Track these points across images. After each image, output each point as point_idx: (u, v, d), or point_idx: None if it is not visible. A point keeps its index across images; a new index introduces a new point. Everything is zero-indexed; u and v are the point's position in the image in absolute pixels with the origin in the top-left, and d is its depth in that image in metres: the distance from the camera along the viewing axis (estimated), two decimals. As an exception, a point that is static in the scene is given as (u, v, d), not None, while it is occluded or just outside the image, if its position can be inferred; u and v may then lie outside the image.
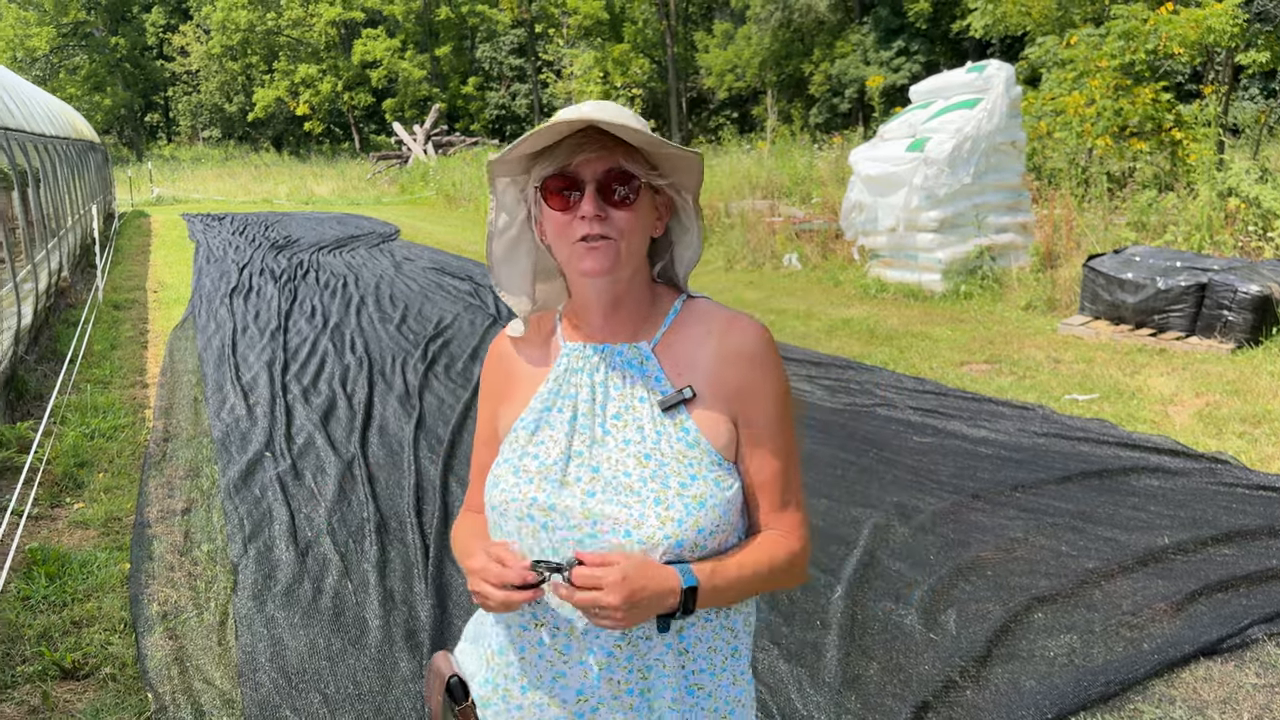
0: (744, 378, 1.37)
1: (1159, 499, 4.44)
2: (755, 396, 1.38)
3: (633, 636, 1.34)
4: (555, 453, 1.38)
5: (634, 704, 1.37)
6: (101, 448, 5.47)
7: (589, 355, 1.42)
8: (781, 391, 1.41)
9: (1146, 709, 2.92)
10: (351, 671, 3.14)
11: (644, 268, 1.42)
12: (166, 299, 10.62)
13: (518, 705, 1.42)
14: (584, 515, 1.33)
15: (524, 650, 1.40)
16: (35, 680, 3.13)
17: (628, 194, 1.32)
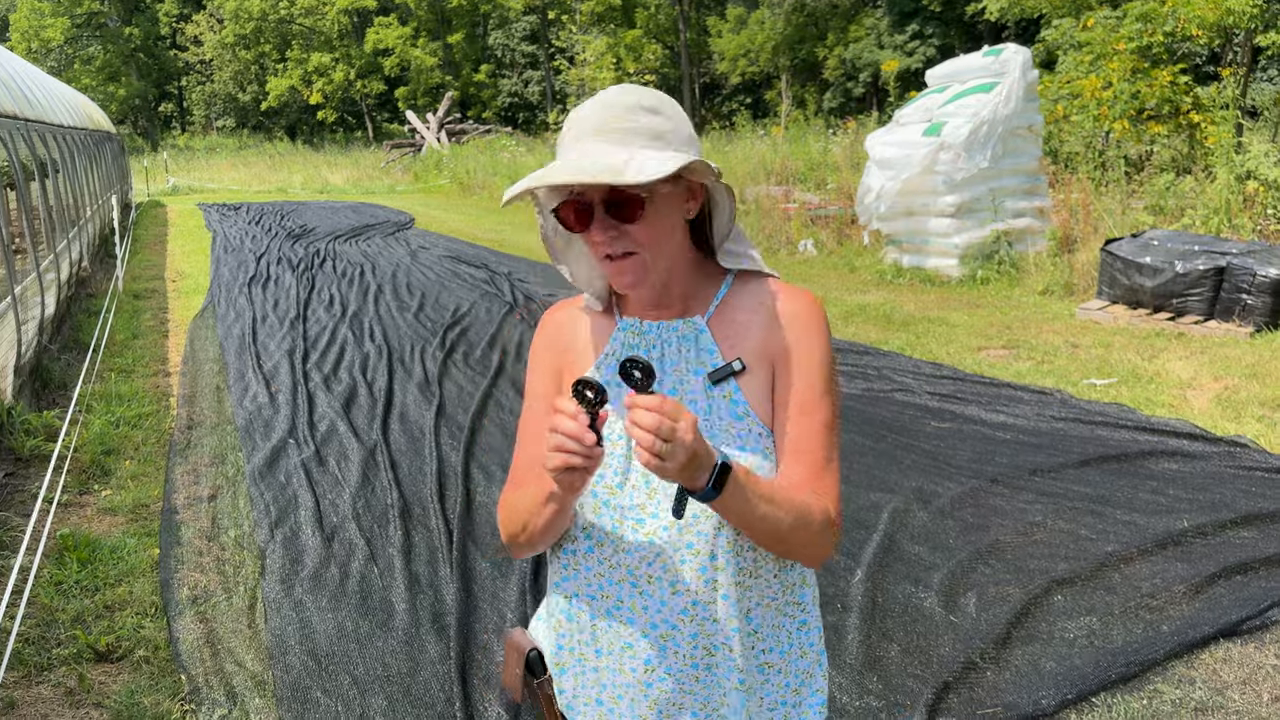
0: (788, 340, 1.38)
1: (1178, 482, 4.45)
2: (797, 358, 1.37)
3: (698, 616, 1.36)
4: (618, 428, 1.39)
5: (699, 677, 1.39)
6: (127, 435, 5.54)
7: (645, 331, 1.43)
8: (824, 359, 1.39)
9: (1166, 689, 2.95)
10: (380, 654, 3.20)
11: (686, 249, 1.41)
12: (186, 288, 10.70)
13: (593, 668, 1.44)
14: (648, 494, 1.36)
15: (594, 618, 1.42)
16: (71, 663, 3.19)
17: (637, 209, 1.30)
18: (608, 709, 1.44)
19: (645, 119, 1.30)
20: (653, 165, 1.24)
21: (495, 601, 3.53)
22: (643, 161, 1.25)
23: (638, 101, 1.31)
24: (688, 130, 1.35)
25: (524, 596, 3.52)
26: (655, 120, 1.30)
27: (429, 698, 2.94)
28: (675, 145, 1.31)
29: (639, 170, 1.23)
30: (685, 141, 1.33)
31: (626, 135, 1.29)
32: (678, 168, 1.24)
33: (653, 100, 1.33)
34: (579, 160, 1.28)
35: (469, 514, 4.32)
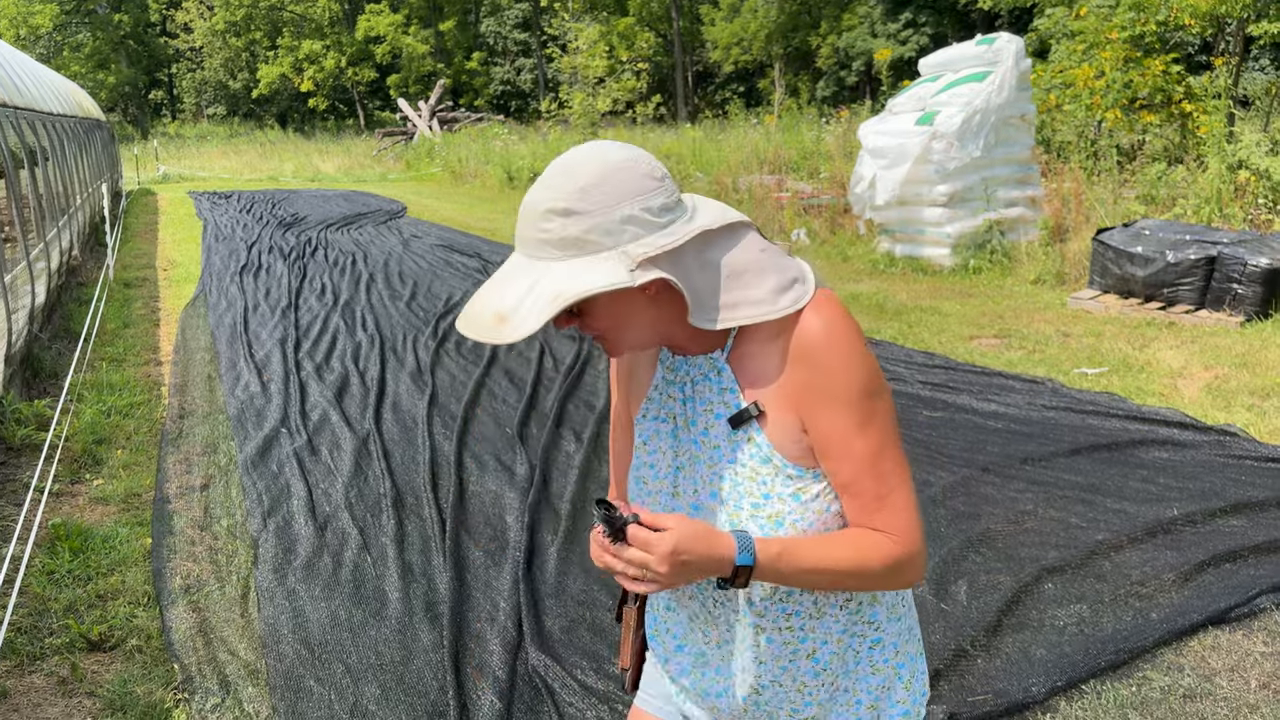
0: (805, 377, 1.28)
1: (1168, 471, 4.47)
2: (819, 395, 1.27)
3: (762, 654, 1.40)
4: (664, 465, 1.40)
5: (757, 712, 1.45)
6: (119, 425, 5.53)
7: (678, 367, 1.40)
8: (851, 386, 1.26)
9: (1155, 676, 2.97)
10: (373, 642, 3.20)
11: (674, 306, 1.31)
12: (177, 277, 10.67)
13: (666, 656, 1.52)
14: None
15: (664, 619, 1.51)
16: (63, 652, 3.19)
17: (575, 309, 1.27)
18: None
19: (557, 226, 1.22)
20: (531, 320, 1.18)
21: (488, 590, 3.54)
22: (533, 308, 1.19)
23: (550, 206, 1.22)
24: (622, 212, 1.21)
25: (517, 586, 3.53)
26: (568, 225, 1.21)
27: (422, 686, 2.95)
28: (596, 246, 1.21)
29: (519, 325, 1.19)
30: (610, 232, 1.21)
31: (539, 247, 1.23)
32: (548, 317, 1.18)
33: (568, 196, 1.21)
34: (475, 305, 1.25)
35: (462, 503, 4.33)
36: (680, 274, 1.25)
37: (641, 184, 1.24)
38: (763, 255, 1.30)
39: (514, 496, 4.37)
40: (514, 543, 3.90)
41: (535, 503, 4.27)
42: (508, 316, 1.21)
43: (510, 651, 3.10)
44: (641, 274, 1.20)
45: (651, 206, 1.23)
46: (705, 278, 1.27)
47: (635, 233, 1.22)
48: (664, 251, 1.23)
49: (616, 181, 1.23)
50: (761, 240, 1.33)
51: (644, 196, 1.23)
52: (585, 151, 1.26)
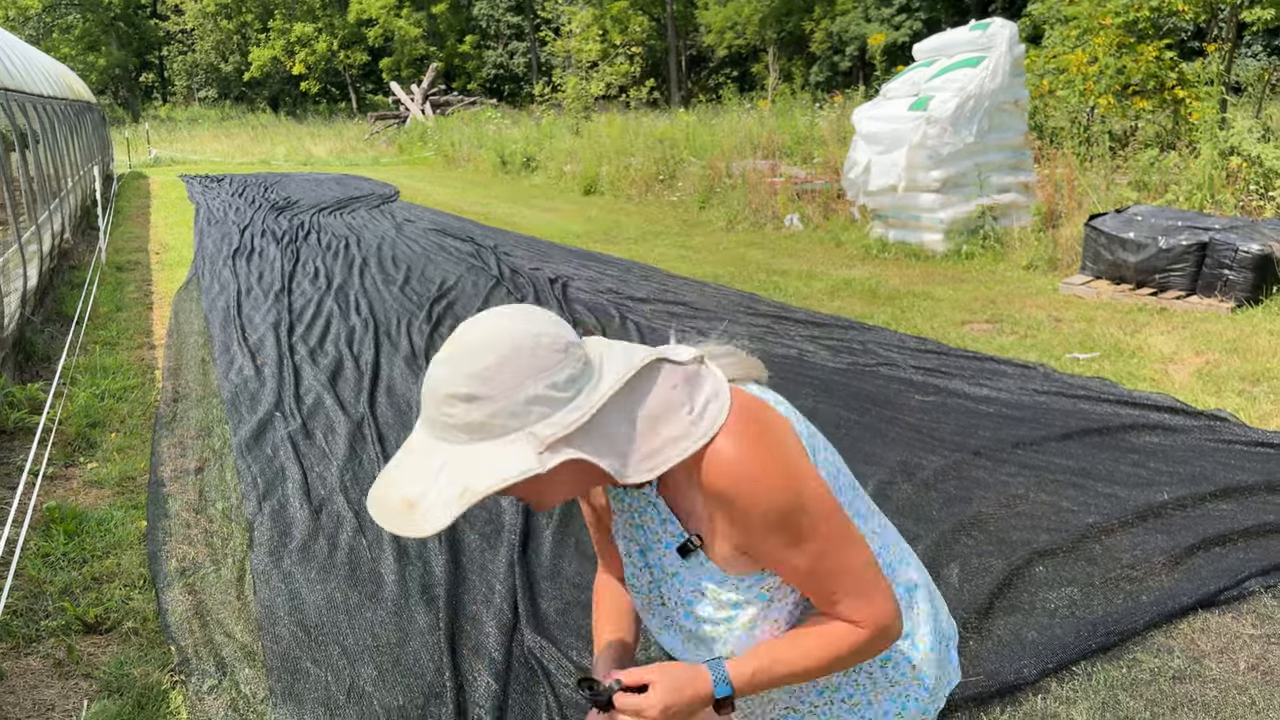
0: (723, 517, 1.28)
1: (1158, 455, 4.50)
2: (740, 531, 1.28)
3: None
4: (645, 580, 1.44)
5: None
6: (112, 408, 5.53)
7: (621, 498, 1.41)
8: (766, 516, 1.25)
9: (1145, 658, 3.00)
10: (369, 624, 3.22)
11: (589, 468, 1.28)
12: (169, 260, 10.63)
13: None
14: (672, 646, 1.46)
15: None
16: (59, 634, 3.20)
17: None
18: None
19: (460, 411, 1.19)
20: (439, 514, 1.16)
21: (484, 573, 3.56)
22: (437, 501, 1.17)
23: (451, 391, 1.19)
24: (526, 393, 1.18)
25: (512, 569, 3.54)
26: (471, 410, 1.18)
27: (419, 667, 2.97)
28: (502, 430, 1.18)
29: (428, 518, 1.17)
30: (515, 415, 1.18)
31: (445, 430, 1.21)
32: (451, 519, 1.16)
33: (468, 384, 1.18)
34: (382, 486, 1.24)
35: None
36: (593, 443, 1.21)
37: (545, 360, 1.19)
38: (675, 392, 1.27)
39: (508, 480, 4.38)
40: (509, 526, 3.91)
41: (530, 486, 4.28)
42: (416, 503, 1.19)
43: (506, 633, 3.12)
44: (550, 457, 1.18)
45: (557, 382, 1.19)
46: (622, 435, 1.24)
47: (542, 412, 1.19)
48: (576, 429, 1.19)
49: (519, 362, 1.19)
50: (672, 371, 1.29)
51: (548, 372, 1.19)
52: (486, 328, 1.22)
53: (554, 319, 1.25)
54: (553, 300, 7.95)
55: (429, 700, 2.81)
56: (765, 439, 1.25)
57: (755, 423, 1.26)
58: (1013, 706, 2.77)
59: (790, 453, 1.26)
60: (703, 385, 1.28)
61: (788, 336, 6.75)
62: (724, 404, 1.27)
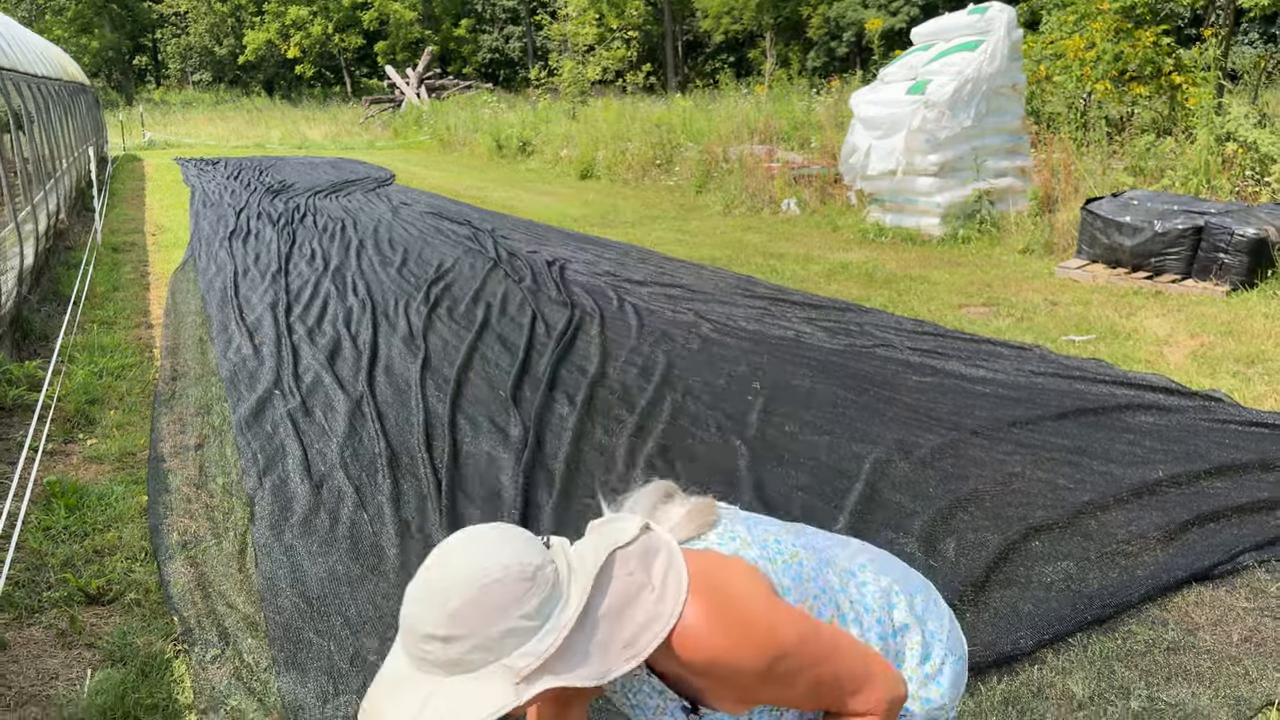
0: (713, 686, 1.34)
1: (1153, 435, 4.53)
2: (734, 693, 1.34)
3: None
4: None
5: None
6: (111, 386, 5.53)
7: (614, 683, 1.44)
8: (753, 675, 1.30)
9: (1140, 630, 3.03)
10: (371, 596, 3.24)
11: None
12: (165, 242, 10.61)
13: None
14: None
15: None
16: (62, 605, 3.22)
17: None
18: None
19: (436, 649, 1.24)
20: None
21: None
22: None
23: (428, 632, 1.24)
24: (499, 628, 1.22)
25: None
26: (447, 649, 1.23)
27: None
28: (480, 660, 1.23)
29: None
30: (489, 649, 1.22)
31: (423, 665, 1.26)
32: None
33: (441, 625, 1.23)
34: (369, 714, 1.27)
35: (456, 463, 4.36)
36: (568, 664, 1.24)
37: (514, 591, 1.23)
38: (632, 578, 1.29)
39: (508, 457, 4.41)
40: (509, 501, 3.94)
41: (530, 463, 4.30)
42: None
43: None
44: (526, 688, 1.21)
45: (528, 612, 1.23)
46: (596, 644, 1.26)
47: (515, 643, 1.23)
48: (549, 656, 1.22)
49: (490, 599, 1.22)
50: (625, 557, 1.31)
51: (518, 604, 1.23)
52: (457, 565, 1.25)
53: (524, 542, 1.27)
54: (550, 283, 7.95)
55: (431, 669, 2.83)
56: (730, 608, 1.28)
57: (716, 591, 1.29)
58: (1010, 676, 2.80)
59: (756, 610, 1.29)
60: (657, 557, 1.31)
61: (784, 318, 6.77)
62: (681, 575, 1.30)
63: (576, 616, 1.25)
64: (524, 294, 7.62)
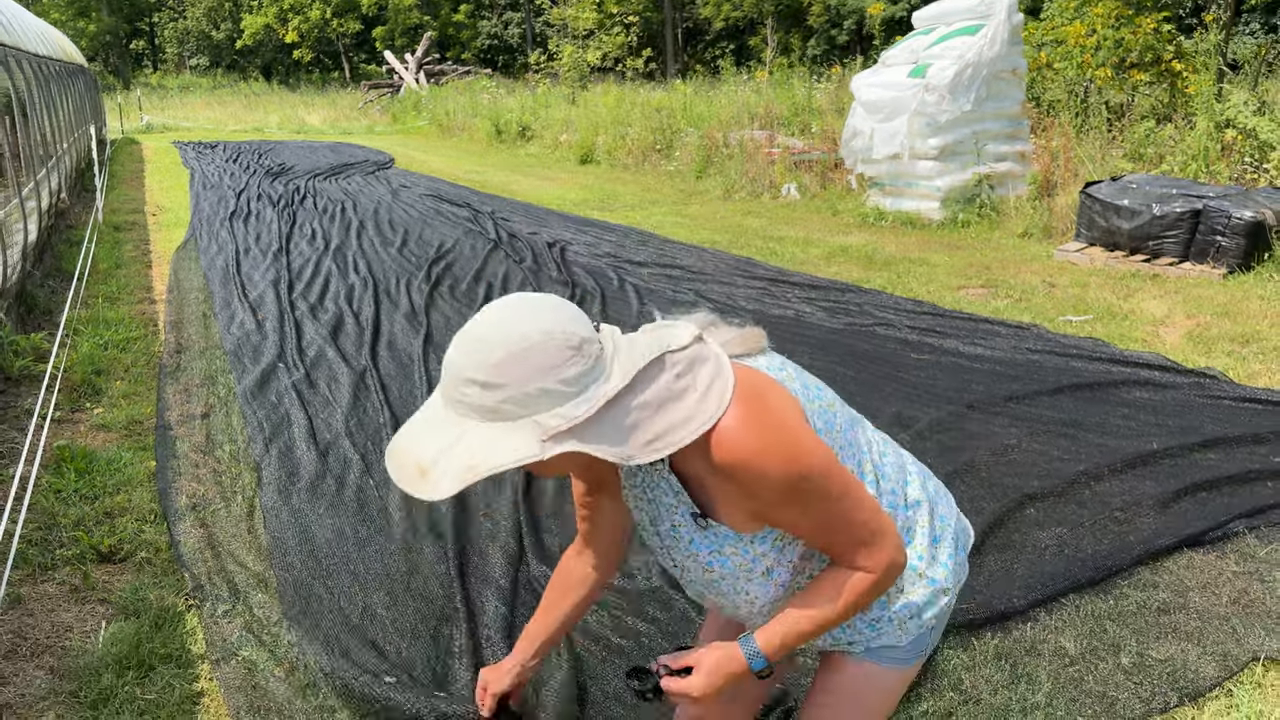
0: (733, 491, 1.37)
1: (1148, 409, 4.59)
2: (750, 502, 1.38)
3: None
4: (658, 546, 1.54)
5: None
6: (116, 358, 5.58)
7: (633, 473, 1.51)
8: (773, 490, 1.34)
9: (1132, 592, 3.10)
10: (380, 555, 3.30)
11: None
12: (166, 222, 10.63)
13: None
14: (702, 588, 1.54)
15: None
16: (74, 563, 3.27)
17: None
18: None
19: (474, 394, 1.28)
20: (445, 485, 1.27)
21: (489, 510, 3.63)
22: (448, 472, 1.27)
23: (469, 376, 1.28)
24: (535, 386, 1.26)
25: (516, 508, 3.61)
26: (485, 395, 1.27)
27: (429, 594, 3.05)
28: (510, 416, 1.27)
29: (436, 486, 1.28)
30: (524, 404, 1.26)
31: (460, 408, 1.30)
32: (462, 486, 1.26)
33: (484, 371, 1.27)
34: (401, 446, 1.34)
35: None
36: (595, 435, 1.28)
37: (557, 357, 1.27)
38: (679, 380, 1.33)
39: (511, 427, 4.46)
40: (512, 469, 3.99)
41: (532, 433, 4.35)
42: (428, 471, 1.28)
43: (512, 564, 3.20)
44: (552, 446, 1.26)
45: (566, 378, 1.27)
46: (625, 426, 1.30)
47: (549, 404, 1.26)
48: (581, 423, 1.27)
49: (532, 358, 1.26)
50: (675, 359, 1.35)
51: (559, 369, 1.27)
52: (505, 320, 1.30)
53: (573, 315, 1.31)
54: (551, 263, 8.00)
55: (440, 623, 2.89)
56: (768, 416, 1.33)
57: (758, 399, 1.34)
58: (1003, 633, 2.87)
59: (792, 426, 1.34)
60: (705, 365, 1.35)
61: (784, 299, 6.82)
62: (728, 383, 1.34)
63: (613, 394, 1.29)
64: (525, 274, 7.67)
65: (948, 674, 2.69)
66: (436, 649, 2.77)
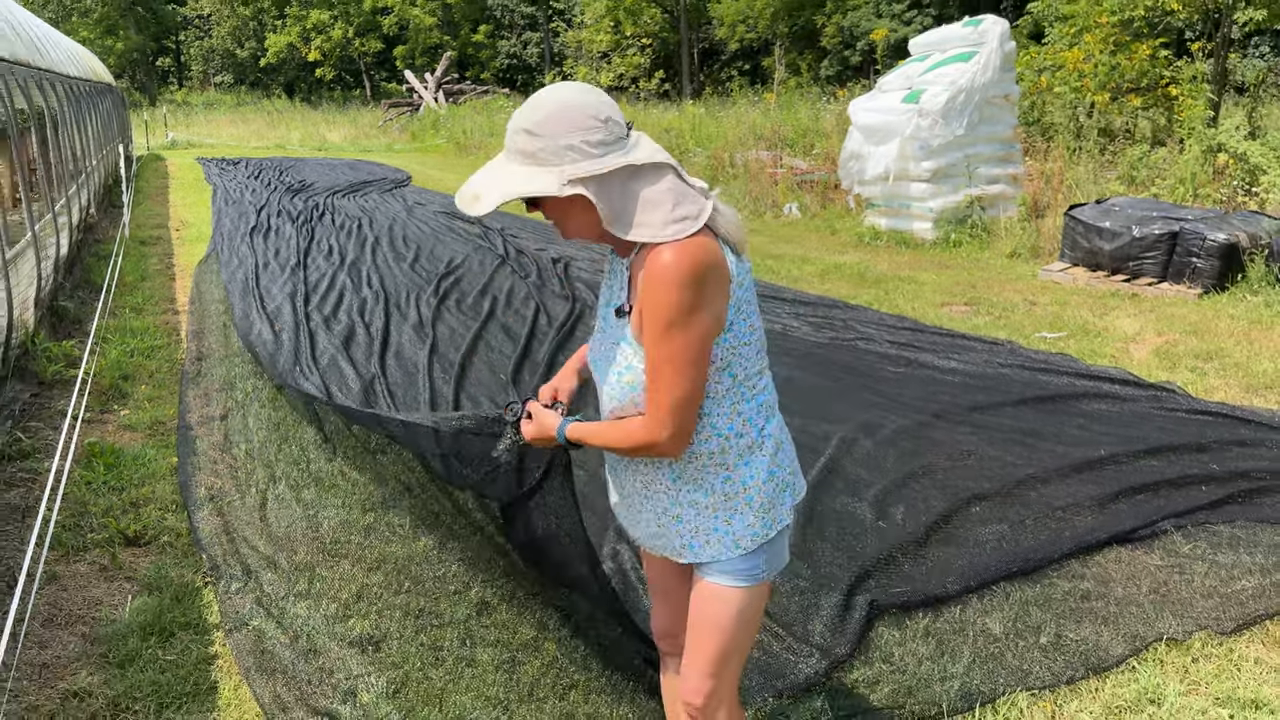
0: (646, 295, 1.72)
1: (1104, 420, 4.89)
2: (646, 310, 1.72)
3: (647, 477, 1.93)
4: (598, 321, 1.97)
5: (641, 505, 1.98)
6: (141, 364, 5.96)
7: (613, 264, 1.92)
8: (663, 309, 1.69)
9: (1060, 582, 3.40)
10: (382, 542, 3.64)
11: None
12: (189, 236, 11.06)
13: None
14: (599, 374, 1.93)
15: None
16: (104, 546, 3.63)
17: (536, 202, 1.77)
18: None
19: (521, 141, 1.72)
20: (488, 200, 1.72)
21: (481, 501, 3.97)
22: (492, 195, 1.72)
23: (520, 125, 1.72)
24: (565, 141, 1.68)
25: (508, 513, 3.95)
26: (529, 141, 1.71)
27: (424, 574, 3.39)
28: (544, 162, 1.70)
29: (483, 204, 1.72)
30: (555, 154, 1.69)
31: (510, 153, 1.75)
32: (501, 203, 1.70)
33: (531, 122, 1.71)
34: (465, 186, 1.78)
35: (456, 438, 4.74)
36: (602, 194, 1.70)
37: (586, 123, 1.70)
38: (669, 193, 1.73)
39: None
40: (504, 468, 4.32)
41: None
42: (480, 196, 1.75)
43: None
44: (569, 189, 1.69)
45: (590, 140, 1.69)
46: (624, 201, 1.72)
47: (573, 157, 1.69)
48: (591, 175, 1.69)
49: (566, 118, 1.70)
50: (676, 180, 1.77)
51: (585, 132, 1.69)
52: (554, 90, 1.75)
53: (608, 102, 1.75)
54: (555, 278, 8.35)
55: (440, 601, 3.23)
56: (697, 269, 1.71)
57: (702, 253, 1.72)
58: (934, 614, 3.18)
59: (700, 291, 1.71)
60: (687, 204, 1.75)
61: (773, 314, 7.14)
62: (696, 227, 1.72)
63: (623, 166, 1.70)
64: (529, 288, 8.02)
65: (880, 648, 3.01)
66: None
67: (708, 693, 1.97)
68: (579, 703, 2.75)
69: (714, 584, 1.92)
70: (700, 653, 1.96)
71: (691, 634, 1.99)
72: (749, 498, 1.88)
